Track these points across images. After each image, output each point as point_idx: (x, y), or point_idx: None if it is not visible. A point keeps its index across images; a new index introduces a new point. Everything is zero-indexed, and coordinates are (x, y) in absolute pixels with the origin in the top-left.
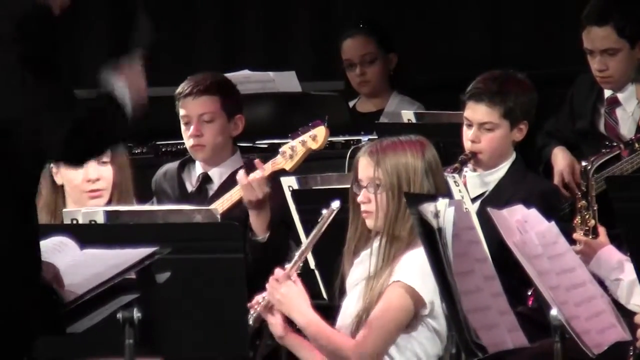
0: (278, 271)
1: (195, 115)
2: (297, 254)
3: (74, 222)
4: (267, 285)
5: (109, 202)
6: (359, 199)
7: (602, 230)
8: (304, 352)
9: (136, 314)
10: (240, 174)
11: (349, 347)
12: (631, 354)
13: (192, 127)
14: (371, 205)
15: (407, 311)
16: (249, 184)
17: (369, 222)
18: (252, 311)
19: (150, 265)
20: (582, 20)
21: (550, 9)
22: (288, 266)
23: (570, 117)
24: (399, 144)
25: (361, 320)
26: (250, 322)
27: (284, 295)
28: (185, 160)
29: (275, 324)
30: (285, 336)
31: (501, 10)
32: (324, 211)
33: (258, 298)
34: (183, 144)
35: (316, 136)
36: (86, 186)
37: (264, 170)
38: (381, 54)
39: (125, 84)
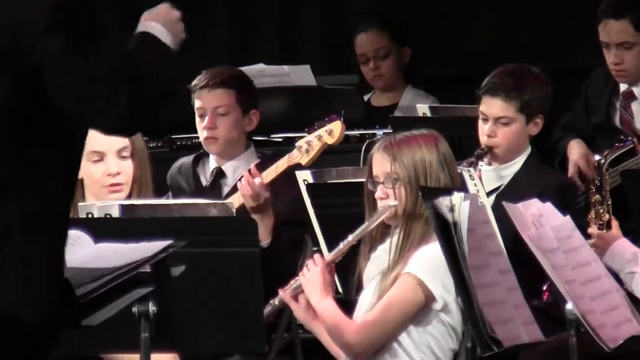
0: (317, 256)
1: (210, 107)
2: (343, 243)
3: (90, 215)
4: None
5: (129, 197)
6: (377, 194)
7: (615, 223)
8: (325, 337)
9: (151, 307)
10: (242, 182)
11: (350, 330)
12: None
13: (206, 119)
14: (390, 201)
15: (415, 303)
16: (246, 189)
17: (388, 218)
18: (280, 292)
19: (165, 258)
20: (598, 14)
21: (564, 3)
22: (330, 254)
23: (586, 111)
24: (413, 138)
25: None
26: (276, 302)
27: (313, 276)
28: (200, 154)
29: (299, 308)
30: (307, 320)
31: (515, 4)
32: (382, 207)
33: (291, 281)
34: (198, 137)
35: (332, 131)
36: (106, 180)
37: (261, 177)
38: (395, 48)
39: (159, 24)
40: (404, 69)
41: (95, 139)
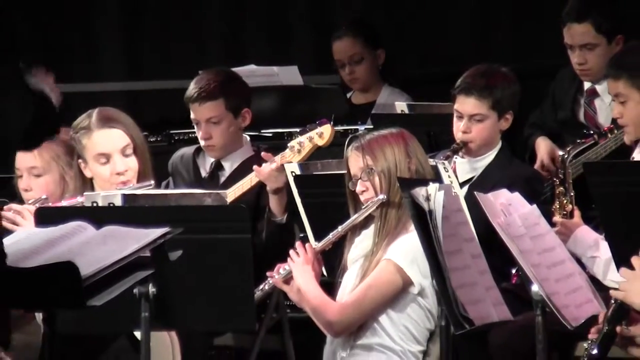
0: (308, 245)
1: (202, 119)
2: (332, 233)
3: (94, 204)
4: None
5: None
6: (358, 189)
7: (577, 212)
8: None
9: (151, 289)
10: (257, 169)
11: (332, 309)
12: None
13: (201, 130)
14: (369, 192)
15: (393, 287)
16: (270, 174)
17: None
18: (269, 279)
19: (164, 244)
20: (562, 17)
21: (532, 8)
22: (318, 243)
23: (553, 108)
24: (381, 135)
25: None
26: (267, 287)
27: (302, 261)
28: (200, 146)
29: (292, 290)
30: (301, 300)
31: (488, 10)
32: (370, 201)
33: (279, 268)
34: (194, 132)
35: (322, 133)
36: (115, 179)
37: (275, 160)
38: (368, 53)
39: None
40: (380, 70)
41: (99, 144)
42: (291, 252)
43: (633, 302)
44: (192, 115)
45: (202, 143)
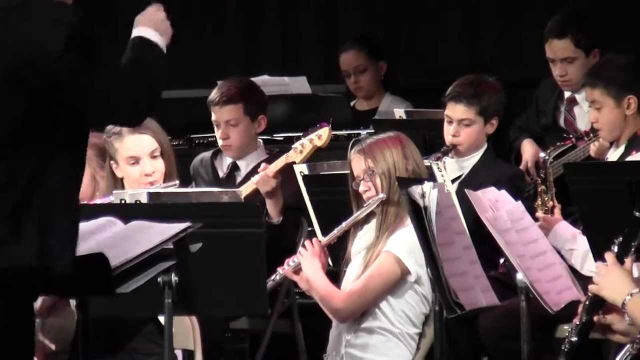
0: (315, 240)
1: (222, 120)
2: (337, 229)
3: (122, 201)
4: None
5: None
6: (361, 189)
7: (557, 209)
8: None
9: (174, 278)
10: (256, 175)
11: (338, 298)
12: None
13: (220, 131)
14: (371, 191)
15: (392, 276)
16: (260, 180)
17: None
18: (280, 270)
19: (185, 237)
20: (545, 34)
21: (518, 25)
22: (324, 238)
23: (536, 114)
24: (381, 139)
25: None
26: (278, 277)
27: (310, 254)
28: (218, 149)
29: (301, 280)
30: (309, 289)
31: (477, 27)
32: (372, 200)
33: (289, 260)
34: (213, 136)
35: (321, 135)
36: (144, 179)
37: (269, 169)
38: (371, 64)
39: (151, 28)
40: (382, 80)
41: (130, 147)
42: (300, 247)
43: (605, 294)
44: (213, 117)
45: (220, 142)
